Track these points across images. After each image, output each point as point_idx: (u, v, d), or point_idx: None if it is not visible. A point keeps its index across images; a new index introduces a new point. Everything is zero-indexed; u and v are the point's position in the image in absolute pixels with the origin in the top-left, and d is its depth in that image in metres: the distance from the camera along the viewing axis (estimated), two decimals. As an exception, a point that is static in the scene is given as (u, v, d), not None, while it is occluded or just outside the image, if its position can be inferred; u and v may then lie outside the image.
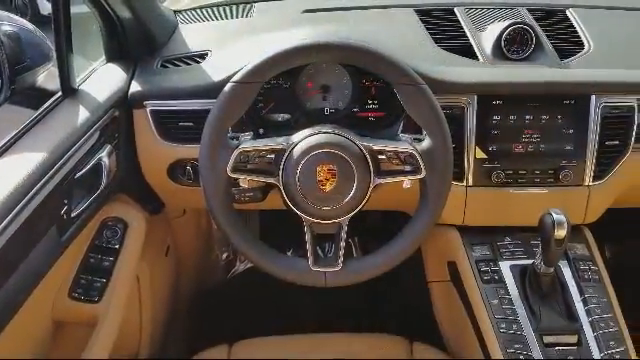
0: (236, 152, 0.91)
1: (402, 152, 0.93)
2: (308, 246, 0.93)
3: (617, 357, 0.99)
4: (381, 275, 0.95)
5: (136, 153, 1.13)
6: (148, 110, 1.08)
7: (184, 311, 1.65)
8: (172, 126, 1.09)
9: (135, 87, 1.09)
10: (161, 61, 1.16)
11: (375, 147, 0.93)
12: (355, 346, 1.17)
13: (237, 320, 1.57)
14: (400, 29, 1.20)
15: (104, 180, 1.02)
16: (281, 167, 0.92)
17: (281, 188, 0.92)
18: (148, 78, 1.12)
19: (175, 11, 1.34)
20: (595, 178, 1.10)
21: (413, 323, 1.41)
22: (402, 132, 1.05)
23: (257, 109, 1.10)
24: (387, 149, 0.93)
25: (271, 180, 0.93)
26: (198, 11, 1.36)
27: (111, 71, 1.13)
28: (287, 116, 1.11)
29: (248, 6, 1.34)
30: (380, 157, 0.94)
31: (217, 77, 1.05)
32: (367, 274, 0.94)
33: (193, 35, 1.24)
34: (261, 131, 1.07)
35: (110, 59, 1.17)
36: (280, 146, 0.93)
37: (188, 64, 1.15)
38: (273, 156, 0.93)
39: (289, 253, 1.67)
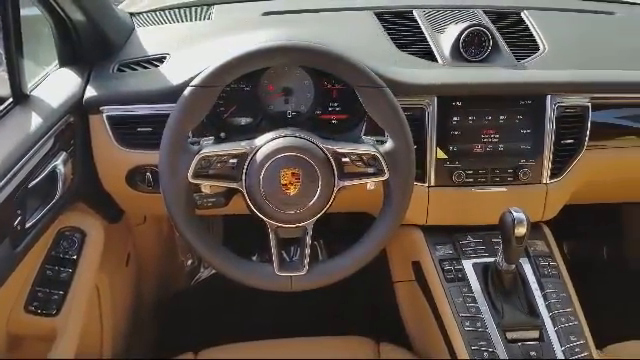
0: (197, 157, 0.89)
1: (365, 154, 0.93)
2: (273, 251, 0.92)
3: (577, 350, 1.01)
4: (347, 276, 0.95)
5: (93, 160, 1.10)
6: (104, 115, 1.05)
7: (147, 320, 1.61)
8: (130, 132, 1.06)
9: (90, 92, 1.06)
10: (117, 65, 1.13)
11: (338, 150, 0.93)
12: (322, 349, 1.16)
13: (203, 327, 1.54)
14: (360, 31, 1.21)
15: (60, 189, 0.98)
16: (244, 172, 0.90)
17: (244, 193, 0.91)
18: (104, 83, 1.08)
19: (131, 14, 1.31)
20: (552, 176, 1.13)
21: (380, 324, 1.42)
22: (365, 134, 1.06)
23: (218, 113, 1.08)
24: (350, 152, 0.93)
25: (234, 185, 0.91)
26: (155, 14, 1.33)
27: (65, 76, 1.10)
28: (249, 120, 1.10)
29: (206, 8, 1.32)
30: (344, 160, 0.94)
31: (176, 81, 1.03)
32: (333, 277, 0.94)
33: (151, 38, 1.21)
34: (223, 135, 1.05)
35: (63, 63, 1.13)
36: (242, 150, 0.91)
37: (146, 68, 1.12)
38: (235, 161, 0.91)
39: (254, 258, 1.67)
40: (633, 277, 1.90)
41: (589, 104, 1.11)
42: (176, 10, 1.34)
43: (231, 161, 0.91)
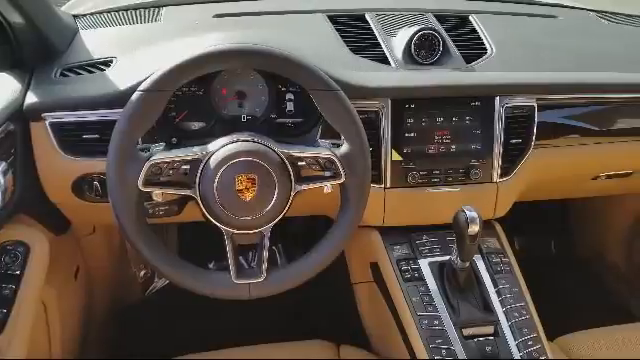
0: (147, 164, 0.86)
1: (321, 158, 0.93)
2: (229, 258, 0.90)
3: (530, 343, 1.05)
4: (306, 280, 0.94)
5: (36, 169, 1.04)
6: (47, 123, 1.00)
7: (100, 335, 1.55)
8: (75, 139, 1.01)
9: (31, 98, 1.01)
10: (60, 69, 1.08)
11: (294, 154, 0.92)
12: (282, 355, 1.15)
13: (158, 339, 1.50)
14: (313, 34, 1.20)
15: (0, 201, 0.93)
16: (197, 178, 0.88)
17: (198, 200, 0.89)
18: (46, 88, 1.03)
19: (74, 16, 1.25)
20: (502, 175, 1.16)
21: (340, 326, 1.41)
22: (321, 137, 1.05)
23: (169, 118, 1.05)
24: (306, 155, 0.93)
25: (187, 192, 0.89)
26: (101, 15, 1.28)
27: (3, 81, 1.04)
28: (202, 124, 1.07)
29: (155, 10, 1.28)
30: (300, 163, 0.93)
31: (123, 85, 0.99)
32: (292, 282, 0.93)
33: (96, 41, 1.17)
34: (174, 141, 1.02)
35: (2, 68, 1.06)
36: (195, 156, 0.89)
37: (91, 72, 1.08)
38: (188, 167, 0.89)
39: (211, 265, 1.63)
40: (580, 270, 1.98)
41: (535, 105, 1.15)
42: (123, 12, 1.29)
43: (183, 167, 0.89)
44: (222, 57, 0.90)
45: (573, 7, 1.54)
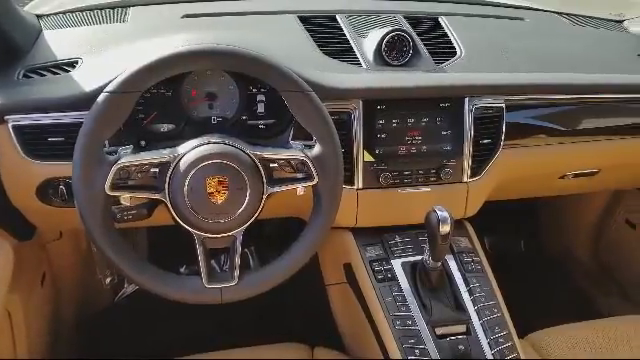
0: (114, 168, 0.84)
1: (294, 160, 0.92)
2: (201, 262, 0.89)
3: (501, 341, 1.06)
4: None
5: None
6: (10, 125, 0.97)
7: (68, 343, 1.50)
8: (40, 142, 0.98)
9: None
10: (23, 71, 1.04)
11: (266, 155, 0.91)
12: (255, 358, 1.14)
13: (129, 346, 1.47)
14: (284, 35, 1.20)
15: None
16: (167, 181, 0.87)
17: (168, 204, 0.87)
18: (8, 90, 1.00)
19: (38, 16, 1.22)
20: (472, 175, 1.18)
21: (313, 328, 1.41)
22: (293, 139, 1.05)
23: (137, 120, 1.03)
24: (279, 157, 0.92)
25: (156, 196, 0.87)
26: (66, 15, 1.25)
27: None
28: (171, 126, 1.05)
29: (122, 11, 1.26)
30: (272, 165, 0.93)
31: (89, 87, 0.97)
32: (265, 286, 0.92)
33: (60, 42, 1.13)
34: (143, 143, 1.00)
35: None
36: (164, 159, 0.87)
37: (56, 73, 1.04)
38: (157, 170, 0.87)
39: (182, 269, 1.61)
40: (548, 267, 2.03)
41: (504, 105, 1.17)
42: (88, 12, 1.26)
43: (152, 170, 0.87)
44: (191, 58, 0.88)
45: (539, 9, 1.58)
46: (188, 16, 1.23)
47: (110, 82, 0.86)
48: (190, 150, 0.88)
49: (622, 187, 1.73)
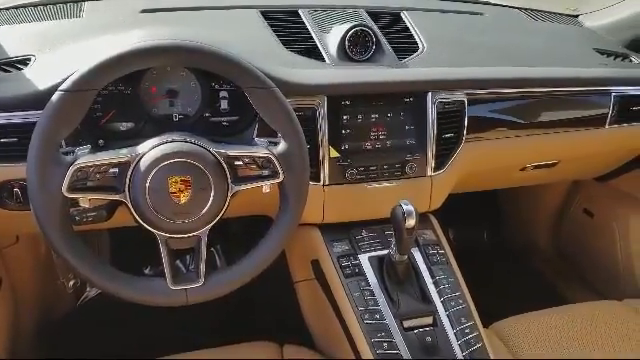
0: (72, 169, 0.81)
1: (259, 157, 0.91)
2: (165, 264, 0.87)
3: (467, 331, 1.08)
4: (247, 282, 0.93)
5: None
6: None
7: (29, 349, 1.45)
8: None
9: None
10: None
11: (230, 153, 0.90)
12: (225, 358, 1.13)
13: (93, 350, 1.43)
14: (245, 31, 1.18)
15: None
16: (127, 182, 0.84)
17: (129, 205, 0.85)
18: None
19: (-14, 11, 1.16)
20: (436, 169, 1.19)
21: (283, 326, 1.41)
22: (257, 136, 1.03)
23: (95, 119, 0.99)
24: (243, 155, 0.91)
25: (116, 197, 0.85)
26: (17, 11, 1.19)
27: None
28: (130, 125, 1.02)
29: (76, 5, 1.21)
30: (236, 163, 0.91)
31: (43, 85, 0.93)
32: (232, 285, 0.91)
33: (11, 38, 1.08)
34: (101, 143, 0.97)
35: None
36: (124, 158, 0.85)
37: (7, 71, 1.00)
38: (117, 170, 0.85)
39: (147, 270, 1.58)
40: (511, 257, 2.08)
41: (465, 99, 1.19)
42: (41, 7, 1.21)
43: (111, 171, 0.84)
44: (150, 54, 0.86)
45: (497, 4, 1.61)
46: (146, 11, 1.20)
47: (65, 80, 0.83)
48: (151, 149, 0.86)
49: (580, 178, 1.78)
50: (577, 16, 1.66)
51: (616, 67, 1.41)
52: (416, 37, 1.26)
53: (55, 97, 0.81)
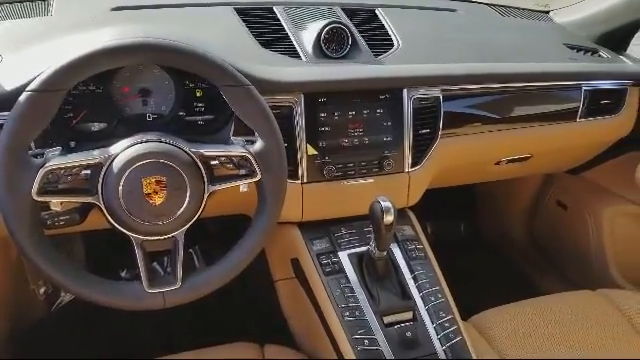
0: (42, 171, 0.79)
1: (235, 156, 0.90)
2: (140, 267, 0.85)
3: (447, 325, 1.09)
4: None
5: None
6: None
7: (1, 357, 1.41)
8: None
9: None
10: None
11: (206, 153, 0.88)
12: None
13: (68, 356, 1.39)
14: (221, 28, 1.16)
15: None
16: (99, 184, 0.82)
17: (102, 207, 0.83)
18: None
19: (-51, 9, 1.12)
20: (413, 164, 1.20)
21: (263, 325, 1.40)
22: (234, 135, 1.02)
23: (65, 119, 0.96)
24: (219, 154, 0.89)
25: (89, 200, 0.82)
26: (-20, 9, 1.16)
27: None
28: (103, 125, 0.99)
29: (45, 3, 1.18)
30: (213, 163, 0.90)
31: (10, 86, 0.89)
32: (210, 287, 0.90)
33: None
34: (72, 144, 0.94)
35: None
36: (96, 160, 0.83)
37: None
38: (89, 172, 0.82)
39: (124, 273, 1.55)
40: (488, 249, 2.11)
41: (440, 95, 1.20)
42: (7, 5, 1.17)
43: (83, 173, 0.82)
44: (121, 53, 0.84)
45: (471, 1, 1.62)
46: (117, 8, 1.17)
47: (33, 80, 0.80)
48: (124, 149, 0.84)
49: (553, 171, 1.82)
50: (547, 12, 1.69)
51: (586, 62, 1.44)
52: (391, 34, 1.26)
53: (23, 98, 0.79)
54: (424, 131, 1.20)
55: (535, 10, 1.69)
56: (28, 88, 0.79)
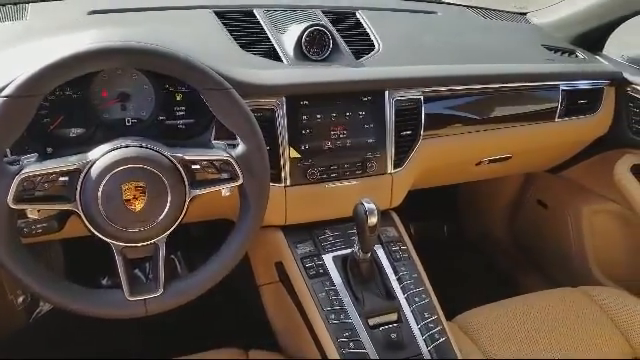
0: (17, 179, 0.77)
1: (217, 160, 0.89)
2: (121, 274, 0.83)
3: (431, 325, 1.09)
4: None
5: None
6: None
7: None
8: None
9: None
10: None
11: (187, 157, 0.87)
12: None
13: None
14: (200, 31, 1.15)
15: None
16: (78, 190, 0.80)
17: (81, 214, 0.81)
18: None
19: None
20: (395, 166, 1.20)
21: (248, 330, 1.39)
22: (215, 139, 1.01)
23: (42, 125, 0.94)
24: (200, 158, 0.88)
25: (67, 207, 0.81)
26: (-48, 12, 1.13)
27: None
28: (81, 130, 0.97)
29: (19, 7, 1.15)
30: (194, 167, 0.88)
31: None
32: (193, 293, 0.89)
33: None
34: (49, 150, 0.92)
35: None
36: (74, 166, 0.81)
37: None
38: (66, 178, 0.81)
39: (104, 281, 1.52)
40: (471, 249, 2.13)
41: (422, 97, 1.20)
42: (-20, 9, 1.15)
43: (61, 179, 0.80)
44: (99, 57, 0.82)
45: (449, 3, 1.64)
46: (95, 12, 1.15)
47: (8, 85, 0.78)
48: (102, 155, 0.82)
49: (533, 170, 1.84)
50: (525, 14, 1.72)
51: (563, 62, 1.46)
52: (372, 36, 1.26)
53: None
54: (406, 133, 1.20)
55: (513, 12, 1.71)
56: (2, 94, 0.77)
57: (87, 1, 1.20)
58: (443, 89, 1.24)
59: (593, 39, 1.56)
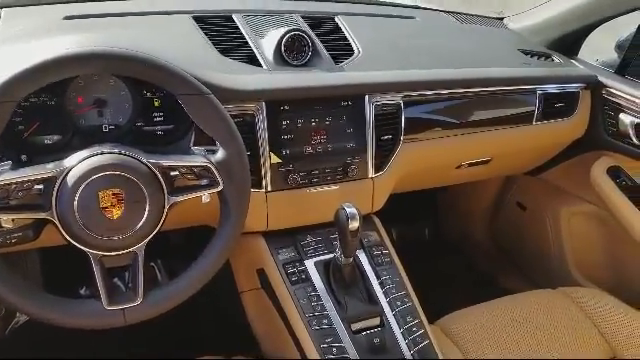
0: None
1: (196, 166, 0.88)
2: (99, 283, 0.82)
3: (414, 329, 1.09)
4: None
5: None
6: None
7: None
8: None
9: None
10: None
11: (166, 164, 0.86)
12: None
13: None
14: (178, 37, 1.14)
15: None
16: (53, 198, 0.79)
17: (57, 223, 0.79)
18: None
19: None
20: (376, 170, 1.20)
21: (230, 337, 1.37)
22: (194, 144, 1.00)
23: (16, 132, 0.92)
24: (179, 164, 0.87)
25: (42, 215, 0.79)
26: None
27: None
28: (57, 137, 0.95)
29: (-9, 12, 1.13)
30: (173, 174, 0.87)
31: None
32: (173, 302, 0.88)
33: None
34: (24, 158, 0.90)
35: None
36: (49, 174, 0.79)
37: None
38: (42, 186, 0.79)
39: (83, 291, 1.49)
40: (452, 252, 2.15)
41: (401, 102, 1.21)
42: (-50, 14, 1.12)
43: (36, 188, 0.79)
44: (73, 63, 0.81)
45: (427, 8, 1.65)
46: (70, 17, 1.14)
47: None
48: (78, 162, 0.81)
49: (512, 173, 1.86)
50: (502, 19, 1.74)
51: (539, 67, 1.49)
52: (351, 41, 1.27)
53: None
54: (386, 137, 1.21)
55: (490, 17, 1.73)
56: None
57: (62, 6, 1.18)
58: (422, 93, 1.25)
59: (568, 43, 1.59)
